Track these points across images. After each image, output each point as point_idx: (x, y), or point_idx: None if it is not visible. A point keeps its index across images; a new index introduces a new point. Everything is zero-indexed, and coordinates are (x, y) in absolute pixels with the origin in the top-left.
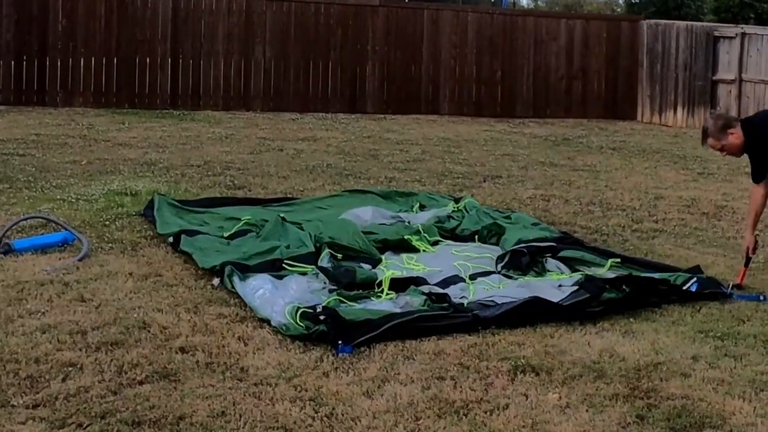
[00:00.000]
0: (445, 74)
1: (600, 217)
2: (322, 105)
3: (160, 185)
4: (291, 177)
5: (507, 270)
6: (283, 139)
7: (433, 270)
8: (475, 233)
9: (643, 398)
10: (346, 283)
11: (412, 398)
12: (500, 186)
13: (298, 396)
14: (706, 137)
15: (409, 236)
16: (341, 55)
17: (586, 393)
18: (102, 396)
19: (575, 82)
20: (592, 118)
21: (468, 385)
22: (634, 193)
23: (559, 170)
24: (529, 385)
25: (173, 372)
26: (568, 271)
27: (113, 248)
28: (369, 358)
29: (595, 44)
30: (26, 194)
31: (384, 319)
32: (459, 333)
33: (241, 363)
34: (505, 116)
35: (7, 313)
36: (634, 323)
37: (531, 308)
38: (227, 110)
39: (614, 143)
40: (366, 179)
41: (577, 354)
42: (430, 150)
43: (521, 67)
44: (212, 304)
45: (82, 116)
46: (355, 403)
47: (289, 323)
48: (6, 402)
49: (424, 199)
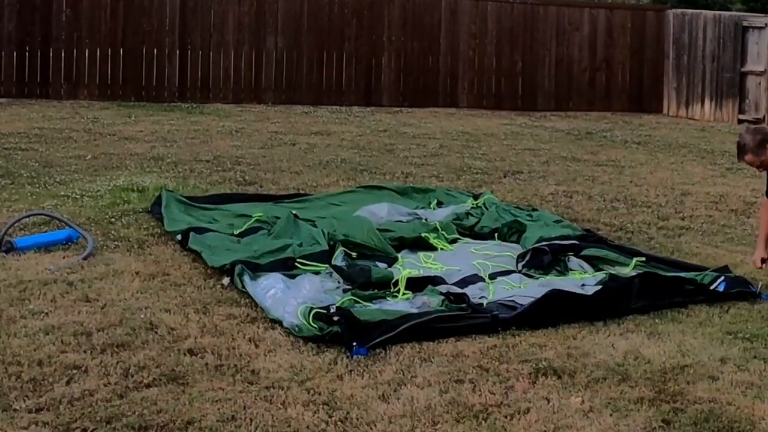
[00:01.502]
0: (463, 66)
1: (624, 214)
2: (336, 97)
3: (168, 181)
4: (304, 172)
5: (528, 269)
6: (295, 133)
7: (451, 269)
8: (495, 231)
9: (669, 402)
10: (361, 283)
11: (430, 402)
12: (521, 182)
13: (311, 400)
14: (744, 153)
15: (426, 234)
16: (356, 46)
17: (610, 397)
18: (107, 400)
19: (599, 74)
20: (616, 111)
21: (487, 388)
22: (659, 189)
23: (582, 165)
24: (551, 388)
25: (181, 375)
26: (591, 270)
27: (119, 246)
28: (385, 360)
29: (620, 34)
30: (29, 190)
31: (400, 320)
32: (478, 334)
33: (252, 365)
34: (526, 109)
35: (9, 313)
36: (659, 324)
37: (553, 302)
38: (238, 103)
39: (639, 137)
40: (381, 175)
41: (601, 356)
42: (448, 144)
43: (543, 59)
44: (222, 304)
45: (87, 109)
46: (370, 407)
47: (301, 324)
48: (8, 406)
49: (441, 195)
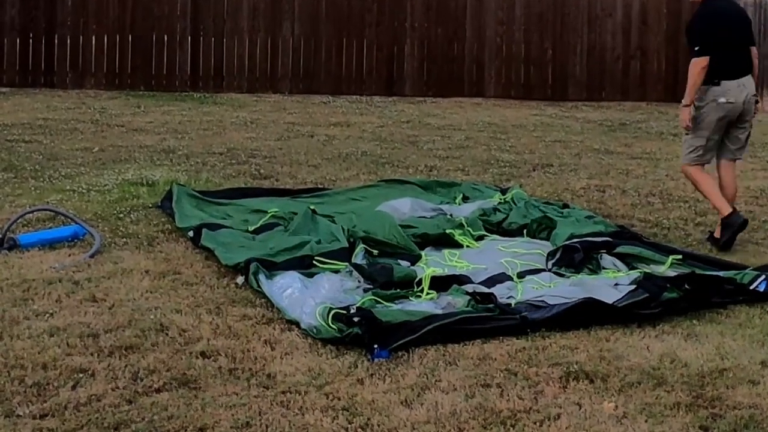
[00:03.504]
0: (490, 53)
1: (660, 209)
2: (356, 87)
3: (179, 174)
4: (322, 166)
5: (558, 267)
6: (313, 125)
7: (477, 267)
8: (524, 227)
9: (707, 407)
10: (383, 282)
11: (455, 407)
12: (551, 175)
13: (330, 405)
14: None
15: (451, 230)
16: (377, 33)
17: (644, 402)
18: (115, 405)
19: (633, 62)
20: (651, 101)
21: (516, 393)
22: None
23: (616, 158)
24: (583, 393)
25: (193, 379)
26: (625, 268)
27: (128, 243)
28: (407, 363)
29: (655, 21)
30: (33, 184)
31: (424, 321)
32: (506, 336)
33: (268, 369)
34: (557, 99)
35: (12, 314)
36: (697, 326)
37: (584, 310)
38: (252, 92)
39: (675, 128)
40: (404, 168)
41: (635, 359)
42: (474, 136)
43: (574, 46)
44: (236, 304)
45: (94, 99)
46: (393, 413)
47: (320, 325)
48: (11, 412)
49: (467, 189)
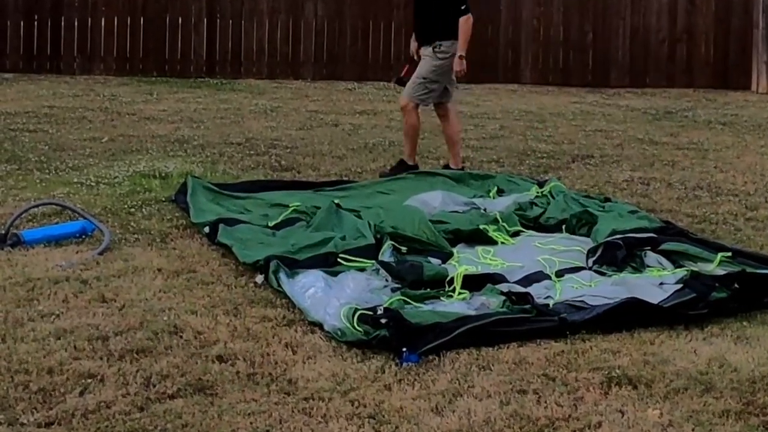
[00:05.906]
0: (526, 37)
1: (708, 203)
2: (383, 73)
3: (195, 166)
4: (347, 156)
5: (599, 266)
6: (337, 113)
7: (513, 265)
8: (562, 222)
9: (758, 415)
10: (412, 281)
11: (489, 415)
12: (591, 167)
13: (356, 412)
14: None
15: (485, 226)
16: (405, 15)
17: (691, 409)
18: (126, 412)
19: (679, 46)
20: (698, 87)
21: (554, 399)
22: (748, 175)
23: (661, 149)
24: (626, 399)
25: (209, 384)
26: (670, 266)
27: (139, 240)
28: (438, 368)
29: (703, 1)
30: (38, 177)
31: (456, 323)
32: (543, 339)
33: (289, 374)
34: (598, 86)
35: (15, 315)
36: (748, 328)
37: (627, 311)
38: (272, 78)
39: (725, 117)
40: (434, 159)
41: (682, 364)
42: (509, 125)
43: (616, 29)
44: (255, 305)
45: (103, 85)
46: (422, 420)
47: (344, 327)
48: (14, 419)
49: (502, 182)
